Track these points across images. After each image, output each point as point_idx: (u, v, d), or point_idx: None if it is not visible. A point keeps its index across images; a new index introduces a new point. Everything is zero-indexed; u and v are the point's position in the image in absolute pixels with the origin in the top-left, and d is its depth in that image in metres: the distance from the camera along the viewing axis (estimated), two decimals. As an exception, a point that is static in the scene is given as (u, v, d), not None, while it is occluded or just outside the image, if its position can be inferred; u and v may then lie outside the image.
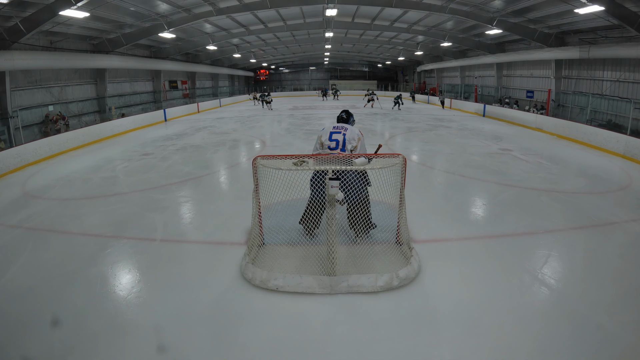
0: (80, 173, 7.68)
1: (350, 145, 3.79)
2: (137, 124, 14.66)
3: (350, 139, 3.81)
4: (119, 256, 3.95)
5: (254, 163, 3.55)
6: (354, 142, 3.82)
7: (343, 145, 3.79)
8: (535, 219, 4.75)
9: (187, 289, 3.28)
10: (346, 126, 3.96)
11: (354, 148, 3.80)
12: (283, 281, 3.19)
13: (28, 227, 4.78)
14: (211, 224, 4.79)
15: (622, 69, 12.18)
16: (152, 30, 13.59)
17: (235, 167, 8.05)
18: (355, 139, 3.85)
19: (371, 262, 3.50)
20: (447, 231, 4.36)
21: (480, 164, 7.79)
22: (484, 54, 18.79)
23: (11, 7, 8.98)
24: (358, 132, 3.93)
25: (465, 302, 3.04)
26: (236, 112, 20.34)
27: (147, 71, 19.11)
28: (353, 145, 3.81)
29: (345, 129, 3.90)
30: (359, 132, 3.94)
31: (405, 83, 35.20)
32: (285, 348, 2.57)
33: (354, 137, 3.84)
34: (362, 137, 3.93)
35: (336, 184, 3.06)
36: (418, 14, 14.63)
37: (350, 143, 3.80)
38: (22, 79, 11.40)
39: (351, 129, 3.93)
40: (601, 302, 3.02)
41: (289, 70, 39.49)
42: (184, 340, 2.64)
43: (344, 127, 3.93)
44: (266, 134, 12.38)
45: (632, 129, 9.76)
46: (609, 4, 9.35)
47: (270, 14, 15.20)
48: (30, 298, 3.19)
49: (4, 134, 10.25)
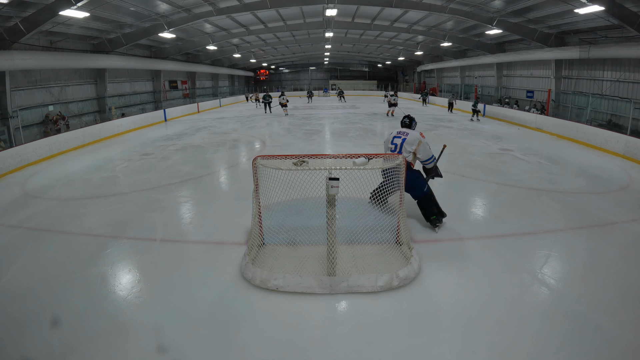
0: (80, 173, 7.68)
1: (410, 148, 4.18)
2: (137, 124, 14.67)
3: (410, 142, 4.19)
4: (119, 256, 3.95)
5: (254, 163, 3.55)
6: (414, 146, 4.18)
7: (400, 148, 4.22)
8: (535, 219, 4.75)
9: (187, 289, 3.28)
10: (408, 131, 4.33)
11: (414, 151, 4.17)
12: (283, 281, 3.19)
13: (28, 227, 4.78)
14: (211, 224, 4.79)
15: (622, 69, 12.18)
16: (152, 30, 13.59)
17: (235, 167, 8.05)
18: (416, 142, 4.18)
19: (371, 262, 3.50)
20: (448, 231, 4.36)
21: (480, 164, 7.79)
22: (484, 54, 18.79)
23: (11, 7, 8.98)
24: (419, 135, 4.26)
25: (465, 302, 3.04)
26: (236, 112, 20.34)
27: (147, 71, 19.11)
28: (413, 148, 4.17)
29: (406, 133, 4.29)
30: (420, 136, 4.25)
31: (405, 83, 35.19)
32: (285, 348, 2.57)
33: (414, 141, 4.19)
34: (422, 140, 4.21)
35: (337, 183, 3.06)
36: (418, 14, 14.64)
37: (411, 146, 4.18)
38: (22, 79, 11.40)
39: (412, 133, 4.28)
40: (601, 302, 3.02)
41: (289, 70, 39.50)
42: (184, 340, 2.64)
43: (405, 132, 4.32)
44: (266, 134, 12.38)
45: (632, 129, 9.77)
46: (609, 4, 9.35)
47: (270, 14, 15.21)
48: (30, 298, 3.19)
49: (4, 134, 10.25)
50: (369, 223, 4.14)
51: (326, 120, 15.72)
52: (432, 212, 4.27)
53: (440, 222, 4.30)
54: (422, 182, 4.27)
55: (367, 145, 9.98)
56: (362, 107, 21.75)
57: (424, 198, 4.26)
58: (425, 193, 4.25)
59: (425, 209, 4.30)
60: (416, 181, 4.22)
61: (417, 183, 4.22)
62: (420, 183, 4.24)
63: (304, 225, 4.22)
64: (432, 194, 4.30)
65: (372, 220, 4.27)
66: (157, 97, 20.03)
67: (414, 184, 4.22)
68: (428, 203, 4.26)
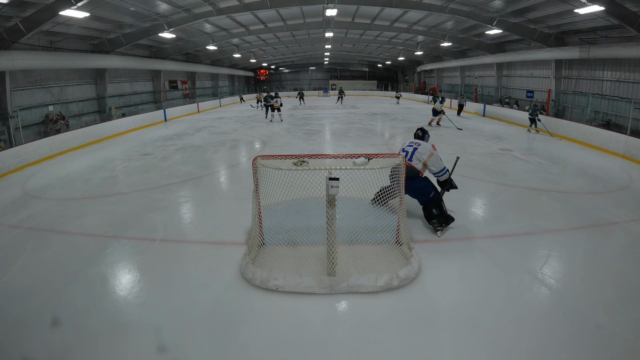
0: (80, 173, 7.68)
1: (421, 157, 4.35)
2: (137, 124, 14.67)
3: (421, 152, 4.36)
4: (119, 256, 3.95)
5: (254, 163, 3.55)
6: (424, 156, 4.34)
7: (411, 157, 4.39)
8: (535, 219, 4.75)
9: (187, 289, 3.28)
10: (420, 142, 4.52)
11: (425, 161, 4.33)
12: (283, 281, 3.19)
13: (28, 227, 4.78)
14: (211, 224, 4.79)
15: (622, 69, 12.18)
16: (152, 30, 13.59)
17: (235, 167, 8.05)
18: (427, 154, 4.35)
19: (371, 262, 3.50)
20: (448, 231, 4.36)
21: (480, 164, 7.79)
22: (484, 54, 18.79)
23: (11, 7, 8.98)
24: (430, 147, 4.43)
25: (465, 302, 3.04)
26: (236, 112, 20.33)
27: (147, 71, 19.10)
28: (424, 159, 4.34)
29: (418, 144, 4.48)
30: (432, 148, 4.42)
31: (405, 83, 35.19)
32: (285, 348, 2.57)
33: (425, 152, 4.36)
34: (434, 152, 4.37)
35: (337, 183, 3.06)
36: (418, 14, 14.63)
37: (422, 155, 4.35)
38: (22, 79, 11.40)
39: (424, 144, 4.46)
40: (601, 302, 3.02)
41: (289, 70, 39.49)
42: (184, 340, 2.64)
43: (417, 143, 4.51)
44: (266, 134, 12.38)
45: (632, 129, 9.77)
46: (609, 4, 9.35)
47: (270, 14, 15.20)
48: (30, 298, 3.19)
49: (4, 134, 10.25)
50: (369, 223, 4.14)
51: (326, 121, 15.72)
52: (433, 216, 4.31)
53: (441, 226, 4.29)
54: (429, 189, 4.35)
55: (367, 145, 9.98)
56: (362, 107, 21.75)
57: (428, 203, 4.34)
58: (430, 199, 4.32)
59: (427, 211, 4.37)
60: (423, 189, 4.34)
61: (424, 190, 4.35)
62: (427, 190, 4.34)
63: (304, 225, 4.22)
64: (438, 200, 4.34)
65: (372, 220, 4.26)
66: (157, 97, 20.03)
67: (422, 191, 4.36)
68: (430, 206, 4.32)
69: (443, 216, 4.33)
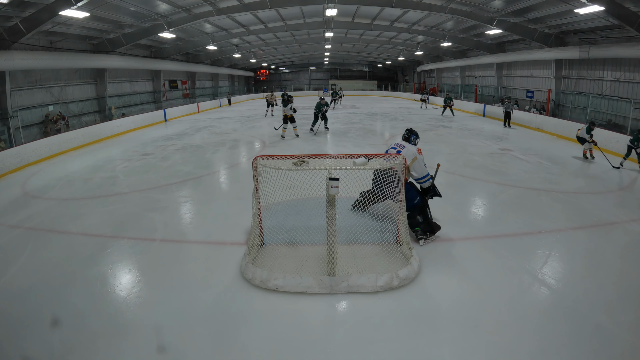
0: (80, 173, 7.68)
1: None
2: (137, 124, 14.67)
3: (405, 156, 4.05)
4: (119, 256, 3.95)
5: (254, 163, 3.55)
6: (408, 160, 4.04)
7: None
8: (535, 219, 4.75)
9: (187, 289, 3.28)
10: (405, 145, 4.26)
11: (408, 165, 4.04)
12: (283, 281, 3.19)
13: (28, 227, 4.78)
14: (211, 224, 4.79)
15: (622, 69, 12.18)
16: (152, 30, 13.58)
17: (235, 167, 8.05)
18: (410, 157, 4.09)
19: (371, 262, 3.50)
20: (447, 231, 4.36)
21: (480, 164, 7.79)
22: (484, 54, 18.79)
23: (11, 7, 8.97)
24: (415, 151, 4.17)
25: (465, 302, 3.04)
26: (236, 112, 20.33)
27: (147, 71, 19.10)
28: (407, 162, 4.03)
29: (402, 147, 4.23)
30: (416, 152, 4.17)
31: (405, 83, 35.18)
32: (285, 348, 2.57)
33: (409, 156, 4.09)
34: (418, 157, 4.13)
35: (337, 183, 3.06)
36: (418, 14, 14.63)
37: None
38: (22, 79, 11.40)
39: (409, 147, 4.21)
40: (601, 302, 3.02)
41: (289, 70, 39.47)
42: (184, 340, 2.64)
43: (402, 145, 4.25)
44: (266, 134, 12.37)
45: (632, 129, 9.75)
46: (609, 4, 9.35)
47: (270, 14, 15.20)
48: (30, 298, 3.19)
49: (4, 134, 10.25)
50: (369, 223, 4.14)
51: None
52: (416, 223, 4.08)
53: (425, 235, 4.05)
54: (414, 195, 4.15)
55: (367, 145, 9.98)
56: (362, 107, 21.74)
57: (412, 209, 4.11)
58: (414, 205, 4.11)
59: (410, 218, 4.09)
60: (407, 193, 4.01)
61: (408, 195, 4.02)
62: (411, 195, 4.10)
63: (304, 225, 4.22)
64: (423, 206, 4.14)
65: (372, 220, 4.27)
66: (157, 97, 20.03)
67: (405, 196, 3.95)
68: (414, 213, 4.09)
69: (427, 224, 4.07)
